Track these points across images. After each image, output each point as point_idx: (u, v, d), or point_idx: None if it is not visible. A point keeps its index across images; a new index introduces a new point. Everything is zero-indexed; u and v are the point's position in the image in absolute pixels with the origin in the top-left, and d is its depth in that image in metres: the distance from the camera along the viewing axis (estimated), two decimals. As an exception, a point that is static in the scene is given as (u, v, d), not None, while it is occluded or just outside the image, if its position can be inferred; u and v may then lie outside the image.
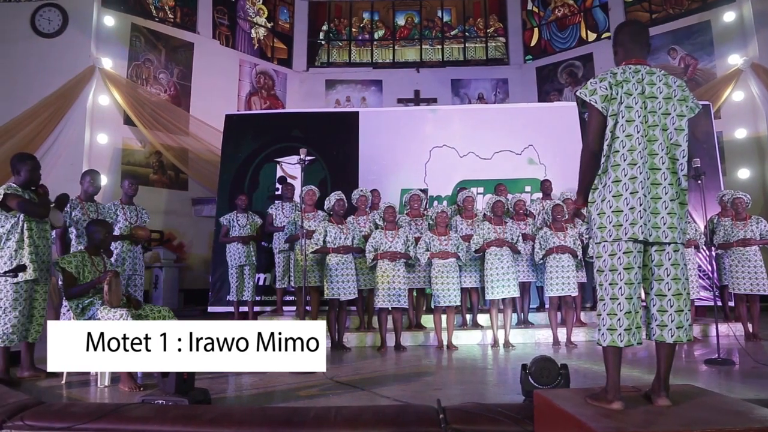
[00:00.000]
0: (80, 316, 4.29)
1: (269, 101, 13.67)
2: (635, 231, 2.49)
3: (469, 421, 2.92)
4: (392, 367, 5.22)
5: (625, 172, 2.54)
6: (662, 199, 2.53)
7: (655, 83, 2.61)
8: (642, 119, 2.56)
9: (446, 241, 6.05)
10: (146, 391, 3.85)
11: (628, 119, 2.56)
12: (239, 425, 3.01)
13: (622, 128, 2.57)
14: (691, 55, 11.45)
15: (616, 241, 2.53)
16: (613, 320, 2.51)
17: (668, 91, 2.61)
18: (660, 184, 2.54)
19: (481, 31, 14.75)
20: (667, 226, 2.52)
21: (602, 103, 2.58)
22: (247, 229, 7.28)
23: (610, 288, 2.54)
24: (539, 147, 8.46)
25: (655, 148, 2.56)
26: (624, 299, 2.51)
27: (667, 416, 2.30)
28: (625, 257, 2.52)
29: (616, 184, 2.56)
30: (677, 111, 2.60)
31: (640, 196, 2.50)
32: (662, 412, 2.35)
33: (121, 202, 5.75)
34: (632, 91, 2.58)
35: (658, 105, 2.59)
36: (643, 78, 2.61)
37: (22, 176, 4.46)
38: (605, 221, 2.57)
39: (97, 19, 10.78)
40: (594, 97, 2.59)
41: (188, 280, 11.13)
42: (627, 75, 2.61)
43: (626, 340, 2.48)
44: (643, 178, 2.52)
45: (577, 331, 6.38)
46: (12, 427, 3.08)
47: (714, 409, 2.34)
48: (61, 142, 10.18)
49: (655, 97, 2.59)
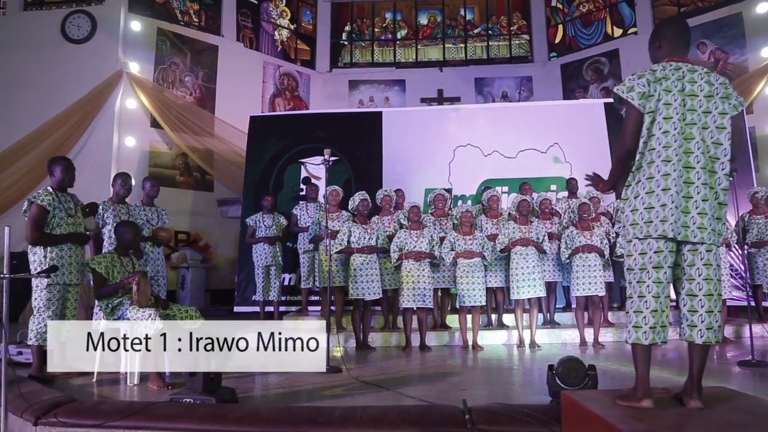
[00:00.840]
0: (110, 315, 4.37)
1: (293, 102, 13.75)
2: (665, 228, 2.45)
3: (495, 422, 2.89)
4: (417, 367, 5.21)
5: (659, 169, 2.49)
6: (694, 198, 2.48)
7: (696, 81, 2.55)
8: (680, 116, 2.51)
9: (471, 240, 6.02)
10: (174, 389, 3.90)
11: (665, 116, 2.51)
12: (265, 424, 3.03)
13: (658, 125, 2.52)
14: (721, 49, 11.18)
15: (647, 238, 2.50)
16: (639, 318, 2.48)
17: (710, 89, 2.56)
18: (693, 183, 2.48)
19: (504, 28, 14.63)
20: (696, 225, 2.47)
21: (639, 100, 2.53)
22: (273, 229, 7.33)
23: (638, 286, 2.52)
24: (565, 145, 8.36)
25: (691, 146, 2.50)
26: (651, 297, 2.48)
27: (699, 419, 2.25)
28: (655, 256, 2.48)
29: (649, 181, 2.52)
30: (719, 109, 2.55)
31: (672, 194, 2.46)
32: (694, 415, 2.30)
33: (142, 204, 5.82)
34: (671, 88, 2.53)
35: (698, 103, 2.53)
36: (683, 75, 2.56)
37: (56, 177, 4.60)
38: (637, 218, 2.54)
39: (124, 25, 10.97)
40: (631, 94, 2.54)
41: (214, 281, 11.25)
42: (667, 72, 2.56)
43: (651, 338, 2.45)
44: (677, 176, 2.47)
45: (604, 331, 6.29)
46: (46, 423, 3.16)
47: (748, 413, 2.28)
48: (91, 145, 10.39)
49: (695, 95, 2.54)
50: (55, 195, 4.51)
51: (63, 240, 4.47)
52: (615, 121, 7.82)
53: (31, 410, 3.24)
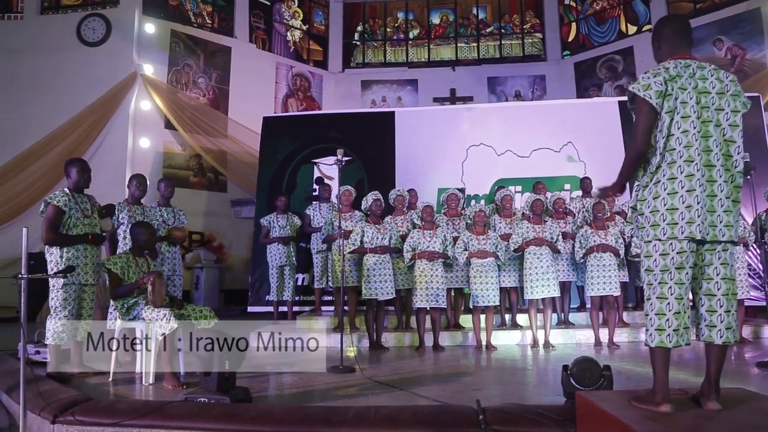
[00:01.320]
0: (125, 315, 4.42)
1: (305, 103, 13.80)
2: (692, 230, 2.40)
3: (509, 422, 2.88)
4: (431, 367, 5.20)
5: (682, 170, 2.44)
6: (718, 197, 2.44)
7: (707, 78, 2.52)
8: (696, 115, 2.47)
9: (485, 240, 5.99)
10: (189, 389, 3.93)
11: (683, 115, 2.46)
12: (279, 423, 3.04)
13: (677, 125, 2.47)
14: (738, 45, 11.04)
15: (671, 239, 2.45)
16: (662, 320, 2.42)
17: (721, 86, 2.52)
18: (716, 181, 2.44)
19: (517, 27, 14.56)
20: (723, 224, 2.44)
21: (657, 99, 2.47)
22: (287, 230, 7.36)
23: (659, 287, 2.46)
24: (578, 144, 8.30)
25: (710, 144, 2.46)
26: (674, 299, 2.43)
27: (716, 421, 2.23)
28: (678, 257, 2.44)
29: (671, 182, 2.46)
30: (731, 106, 2.51)
31: (698, 194, 2.41)
32: (712, 417, 2.27)
33: (158, 204, 5.86)
34: (686, 86, 2.48)
35: (711, 100, 2.50)
36: (694, 73, 2.52)
37: (72, 179, 4.65)
38: (659, 219, 2.49)
39: (139, 27, 11.08)
40: (648, 92, 2.48)
41: (228, 281, 11.33)
42: (679, 70, 2.51)
43: (675, 340, 2.40)
44: (700, 176, 2.43)
45: (619, 331, 6.23)
46: (63, 421, 3.20)
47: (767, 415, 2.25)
48: (106, 147, 10.52)
49: (708, 92, 2.50)
50: (71, 196, 4.56)
51: (78, 240, 4.52)
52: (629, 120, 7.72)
53: (49, 409, 3.28)
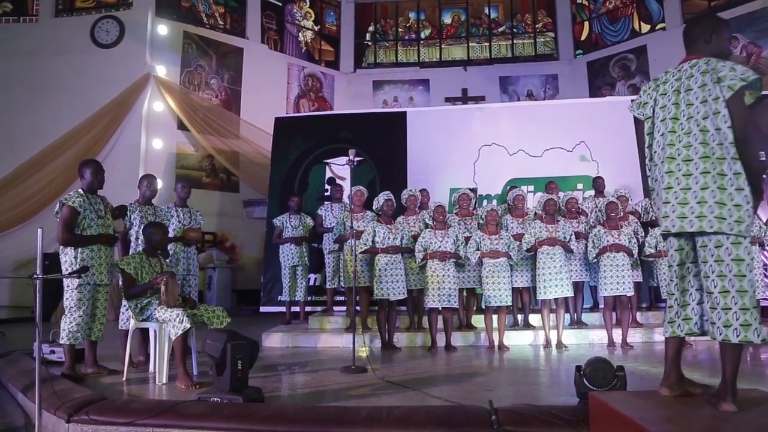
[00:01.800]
0: (139, 315, 4.45)
1: (317, 103, 13.83)
2: (667, 225, 2.61)
3: (522, 423, 2.86)
4: (443, 367, 5.19)
5: (659, 169, 2.67)
6: (692, 189, 2.52)
7: (693, 75, 2.62)
8: (673, 116, 2.64)
9: (497, 240, 5.97)
10: (202, 389, 3.95)
11: (662, 119, 2.69)
12: (292, 423, 3.05)
13: (657, 129, 2.72)
14: (754, 43, 10.91)
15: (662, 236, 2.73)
16: (672, 313, 2.68)
17: (704, 78, 2.58)
18: (692, 174, 2.53)
19: (529, 26, 14.50)
20: (695, 215, 2.49)
21: (638, 110, 2.82)
22: (299, 230, 7.36)
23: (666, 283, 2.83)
24: (591, 143, 8.24)
25: (690, 139, 2.57)
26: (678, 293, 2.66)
27: (732, 423, 2.20)
28: (672, 252, 2.68)
29: (654, 182, 2.74)
30: (712, 96, 2.55)
31: (658, 191, 2.68)
32: (727, 418, 2.25)
33: (175, 205, 5.91)
34: (667, 91, 2.70)
35: (694, 96, 2.59)
36: (684, 74, 2.66)
37: (86, 180, 4.69)
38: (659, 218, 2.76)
39: (152, 29, 11.17)
40: (633, 105, 2.88)
41: (240, 281, 11.38)
42: (668, 76, 2.74)
43: (670, 331, 2.65)
44: (664, 172, 2.62)
45: (633, 332, 6.18)
46: (78, 420, 3.23)
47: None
48: (119, 147, 10.61)
49: (690, 89, 2.61)
50: (85, 197, 4.60)
51: (93, 241, 4.56)
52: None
53: (64, 408, 3.31)
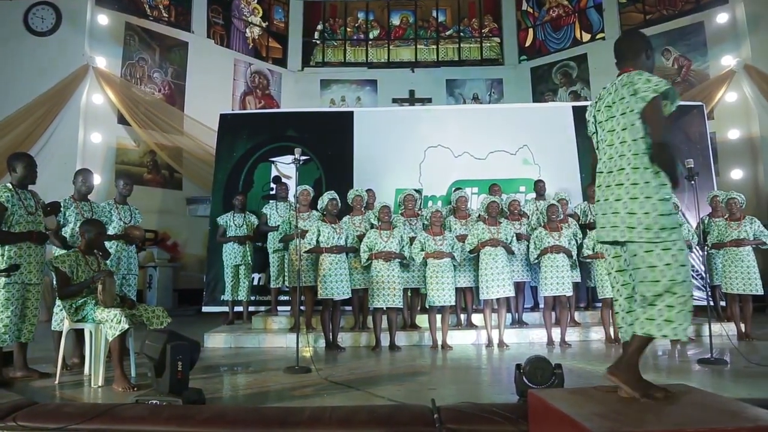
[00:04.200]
0: (74, 316, 4.28)
1: (264, 101, 13.64)
2: (600, 234, 2.78)
3: (463, 421, 2.92)
4: (387, 366, 5.22)
5: (598, 183, 2.80)
6: (608, 201, 2.70)
7: (612, 92, 2.77)
8: (605, 130, 2.79)
9: (441, 240, 6.05)
10: (140, 391, 3.83)
11: (600, 136, 2.86)
12: (233, 425, 3.00)
13: (597, 144, 2.90)
14: (684, 56, 11.50)
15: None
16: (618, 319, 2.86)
17: (615, 94, 2.74)
18: (609, 186, 2.70)
19: (476, 31, 14.76)
20: (610, 225, 2.68)
21: (588, 127, 2.99)
22: (243, 229, 7.27)
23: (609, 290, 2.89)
24: (534, 147, 8.46)
25: (612, 152, 2.72)
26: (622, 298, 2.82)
27: (660, 415, 2.31)
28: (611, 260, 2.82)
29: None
30: (620, 110, 2.70)
31: (601, 203, 2.76)
32: (657, 412, 2.36)
33: (115, 202, 5.72)
34: (600, 107, 2.83)
35: (616, 109, 2.72)
36: (611, 90, 2.79)
37: (17, 174, 4.48)
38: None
39: (91, 18, 10.73)
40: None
41: (182, 280, 11.09)
42: (604, 93, 2.85)
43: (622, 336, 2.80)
44: (596, 185, 2.79)
45: (571, 330, 6.39)
46: (5, 427, 3.06)
47: (707, 409, 2.34)
48: (55, 141, 10.13)
49: (609, 106, 2.76)
50: (14, 191, 4.39)
51: (21, 238, 4.35)
52: (582, 125, 7.94)
53: (-10, 413, 3.14)
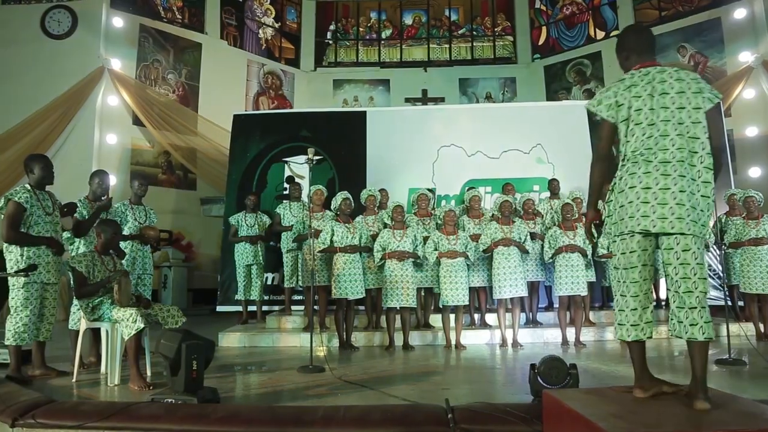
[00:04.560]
0: (90, 315, 4.32)
1: (277, 101, 13.69)
2: (632, 225, 2.58)
3: (477, 421, 2.90)
4: (400, 366, 5.21)
5: (627, 170, 2.63)
6: (671, 190, 2.53)
7: (666, 80, 2.63)
8: (651, 118, 2.60)
9: (454, 240, 6.04)
10: (155, 390, 3.86)
11: (636, 122, 2.63)
12: (248, 424, 3.01)
13: (632, 132, 2.64)
14: (700, 53, 11.36)
15: (621, 236, 2.65)
16: (622, 316, 2.65)
17: (680, 85, 2.62)
18: (669, 175, 2.54)
19: (488, 29, 14.71)
20: (675, 216, 2.51)
21: (608, 112, 2.69)
22: (254, 229, 7.30)
23: (622, 285, 2.66)
24: (547, 146, 8.42)
25: (666, 143, 2.57)
26: (630, 297, 2.63)
27: (678, 416, 2.28)
28: (639, 252, 2.61)
29: (620, 182, 2.67)
30: (692, 104, 2.60)
31: (638, 191, 2.57)
32: (674, 413, 2.33)
33: (131, 203, 5.77)
34: (641, 94, 2.63)
35: (670, 100, 2.60)
36: (653, 78, 2.64)
37: (35, 175, 4.53)
38: (615, 217, 2.68)
39: (106, 21, 10.85)
40: (600, 107, 2.72)
41: (197, 280, 11.17)
42: (635, 79, 2.68)
43: (633, 335, 2.62)
44: (641, 173, 2.58)
45: (586, 330, 6.34)
46: (24, 424, 3.10)
47: (726, 410, 2.31)
48: (71, 142, 10.26)
49: (666, 93, 2.61)
50: (32, 193, 4.44)
51: (40, 242, 4.39)
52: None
53: (8, 411, 3.18)
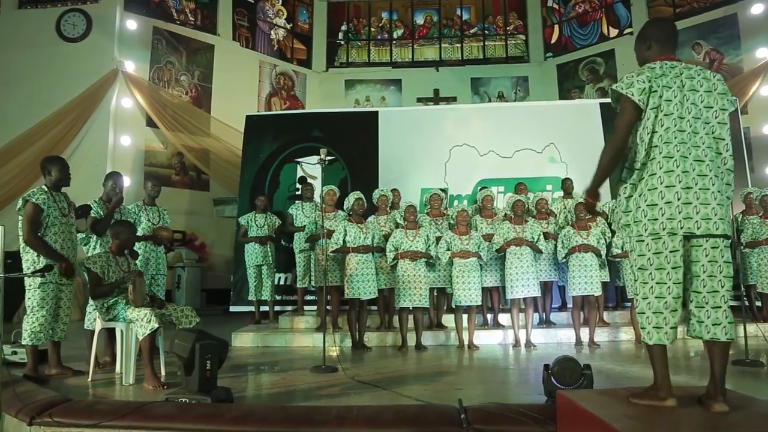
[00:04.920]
0: (105, 315, 4.36)
1: (289, 102, 13.74)
2: (673, 225, 2.45)
3: (490, 422, 2.89)
4: (413, 366, 5.21)
5: (661, 166, 2.49)
6: (710, 190, 2.47)
7: (694, 77, 2.57)
8: (681, 112, 2.52)
9: (467, 240, 6.02)
10: (170, 389, 3.89)
11: (666, 113, 2.52)
12: (261, 424, 3.02)
13: (660, 122, 2.52)
14: (716, 50, 11.23)
15: (652, 236, 2.50)
16: (659, 318, 2.47)
17: (708, 84, 2.58)
18: (706, 175, 2.48)
19: (500, 28, 14.65)
20: (718, 217, 2.46)
21: (639, 96, 2.52)
22: (264, 229, 7.31)
23: (641, 287, 2.52)
24: (560, 145, 8.37)
25: (698, 140, 2.52)
26: (654, 298, 2.48)
27: (694, 418, 2.26)
28: (667, 254, 2.47)
29: (652, 178, 2.51)
30: (719, 104, 2.57)
31: (678, 190, 2.45)
32: (689, 414, 2.31)
33: (144, 204, 5.82)
34: (671, 84, 2.53)
35: (699, 98, 2.55)
36: (681, 72, 2.57)
37: (53, 177, 4.57)
38: (640, 215, 2.54)
39: (120, 23, 10.95)
40: (631, 90, 2.54)
41: (210, 280, 11.24)
42: (665, 69, 2.57)
43: (656, 337, 2.45)
44: (681, 171, 2.47)
45: (599, 331, 6.30)
46: (41, 423, 3.14)
47: (744, 412, 2.29)
48: (86, 144, 10.37)
49: (695, 90, 2.56)
50: (49, 194, 4.50)
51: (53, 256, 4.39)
52: (610, 122, 7.83)
53: (26, 410, 3.22)
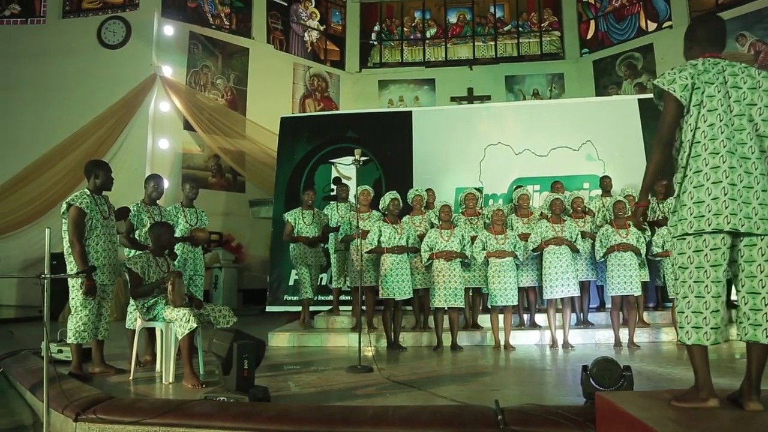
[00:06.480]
0: (146, 315, 4.46)
1: (323, 103, 13.85)
2: (719, 222, 2.37)
3: (528, 423, 2.85)
4: (449, 367, 5.18)
5: (707, 162, 2.43)
6: (754, 189, 2.39)
7: (737, 74, 2.50)
8: (725, 109, 2.46)
9: (503, 239, 5.96)
10: (208, 388, 3.95)
11: (709, 108, 2.45)
12: (298, 423, 3.05)
13: (704, 118, 2.46)
14: (762, 41, 10.86)
15: (695, 233, 2.42)
16: (699, 318, 2.39)
17: (752, 81, 2.50)
18: (752, 173, 2.41)
19: (535, 25, 14.47)
20: (758, 216, 2.37)
21: (681, 92, 2.47)
22: (313, 227, 6.93)
23: (696, 285, 2.43)
24: (598, 142, 8.21)
25: (744, 136, 2.45)
26: (693, 297, 2.41)
27: (740, 422, 2.18)
28: (707, 252, 2.41)
29: (697, 175, 2.45)
30: (764, 102, 2.48)
31: (725, 186, 2.38)
32: (737, 418, 2.23)
33: (182, 205, 5.92)
34: (713, 80, 2.48)
35: (742, 95, 2.48)
36: (724, 69, 2.51)
37: (98, 180, 4.69)
38: (685, 213, 2.46)
39: (158, 29, 11.22)
40: (673, 86, 2.48)
41: (247, 281, 11.41)
42: (707, 66, 2.51)
43: (713, 338, 2.37)
44: (727, 167, 2.40)
45: (639, 331, 6.15)
46: (86, 419, 3.24)
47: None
48: (126, 148, 10.67)
49: (739, 87, 2.49)
50: (92, 197, 4.62)
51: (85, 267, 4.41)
52: (649, 118, 7.65)
53: (72, 407, 3.33)
